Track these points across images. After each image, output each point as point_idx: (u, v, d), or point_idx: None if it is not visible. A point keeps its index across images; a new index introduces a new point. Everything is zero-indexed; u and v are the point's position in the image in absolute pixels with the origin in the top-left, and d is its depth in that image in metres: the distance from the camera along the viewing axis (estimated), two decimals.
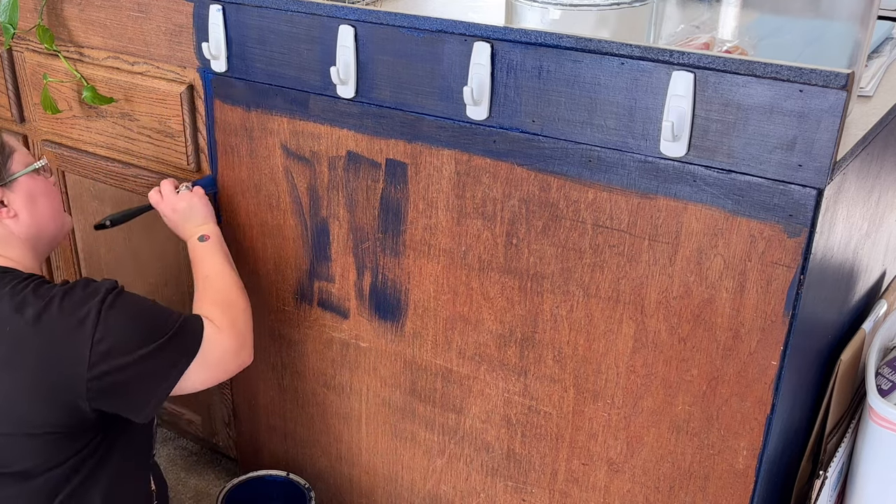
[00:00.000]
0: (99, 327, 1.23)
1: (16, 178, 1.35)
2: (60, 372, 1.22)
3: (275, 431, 1.78)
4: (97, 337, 1.23)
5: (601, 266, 1.24)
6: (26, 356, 1.23)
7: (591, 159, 1.19)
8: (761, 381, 1.17)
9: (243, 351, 1.39)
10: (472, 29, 1.21)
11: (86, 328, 1.23)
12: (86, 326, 1.23)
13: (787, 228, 1.08)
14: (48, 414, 1.24)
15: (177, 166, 1.65)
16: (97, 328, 1.23)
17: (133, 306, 1.29)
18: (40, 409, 1.24)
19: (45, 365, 1.22)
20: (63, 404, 1.24)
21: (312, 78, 1.39)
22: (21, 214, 1.35)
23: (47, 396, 1.23)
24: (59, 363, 1.22)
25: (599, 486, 1.37)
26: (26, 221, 1.36)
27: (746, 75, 1.04)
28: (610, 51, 1.12)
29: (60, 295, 1.26)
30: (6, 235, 1.34)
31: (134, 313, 1.28)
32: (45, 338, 1.23)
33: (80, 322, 1.23)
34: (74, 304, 1.25)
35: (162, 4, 1.51)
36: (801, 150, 1.04)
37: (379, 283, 1.47)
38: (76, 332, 1.23)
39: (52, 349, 1.23)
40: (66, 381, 1.22)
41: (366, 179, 1.41)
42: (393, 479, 1.63)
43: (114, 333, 1.24)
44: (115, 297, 1.27)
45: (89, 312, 1.24)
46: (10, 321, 1.24)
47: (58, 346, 1.23)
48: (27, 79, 1.80)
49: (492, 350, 1.39)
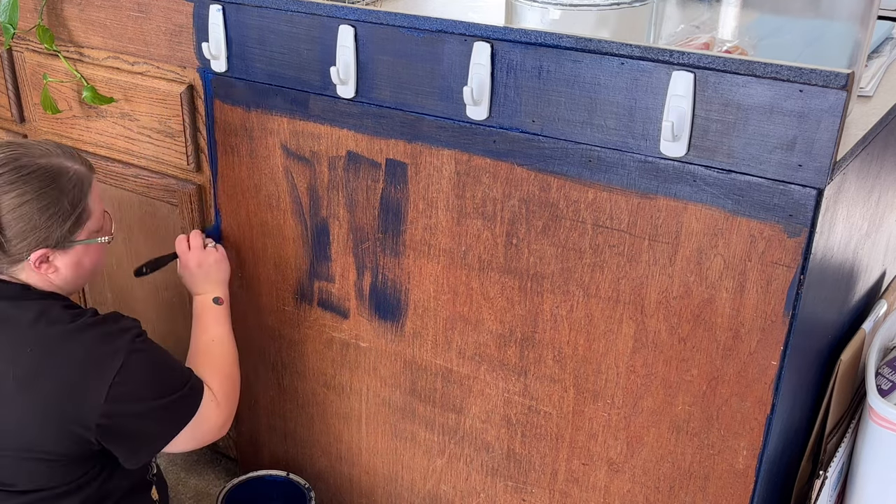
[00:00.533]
0: (123, 370, 1.25)
1: (76, 245, 1.32)
2: (75, 400, 1.24)
3: (275, 431, 1.78)
4: (118, 378, 1.25)
5: (601, 266, 1.24)
6: (47, 377, 1.24)
7: (591, 159, 1.19)
8: (761, 381, 1.17)
9: (227, 425, 1.42)
10: (472, 29, 1.21)
11: (110, 367, 1.25)
12: (111, 365, 1.25)
13: (787, 228, 1.08)
14: (57, 442, 1.26)
15: (177, 166, 1.65)
16: (121, 370, 1.25)
17: (157, 356, 1.32)
18: (50, 437, 1.25)
19: (63, 389, 1.24)
20: (72, 434, 1.25)
21: (312, 78, 1.39)
22: (61, 272, 1.33)
23: (58, 425, 1.25)
24: (77, 391, 1.24)
25: (599, 486, 1.37)
26: (64, 278, 1.34)
27: (746, 75, 1.04)
28: (610, 51, 1.12)
29: (92, 324, 1.28)
30: (37, 281, 1.32)
31: (157, 364, 1.32)
32: (70, 362, 1.24)
33: (107, 358, 1.25)
34: (104, 338, 1.27)
35: (162, 4, 1.51)
36: (801, 150, 1.04)
37: (379, 283, 1.47)
38: (100, 368, 1.25)
39: (74, 376, 1.24)
40: (79, 412, 1.24)
41: (366, 179, 1.41)
42: (393, 479, 1.63)
43: (133, 378, 1.26)
44: (143, 343, 1.30)
45: (117, 352, 1.26)
46: (36, 340, 1.25)
47: (80, 374, 1.24)
48: (27, 79, 1.80)
49: (492, 350, 1.39)
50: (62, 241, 1.29)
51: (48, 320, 1.27)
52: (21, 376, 1.24)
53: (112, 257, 1.87)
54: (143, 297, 1.85)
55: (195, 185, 1.64)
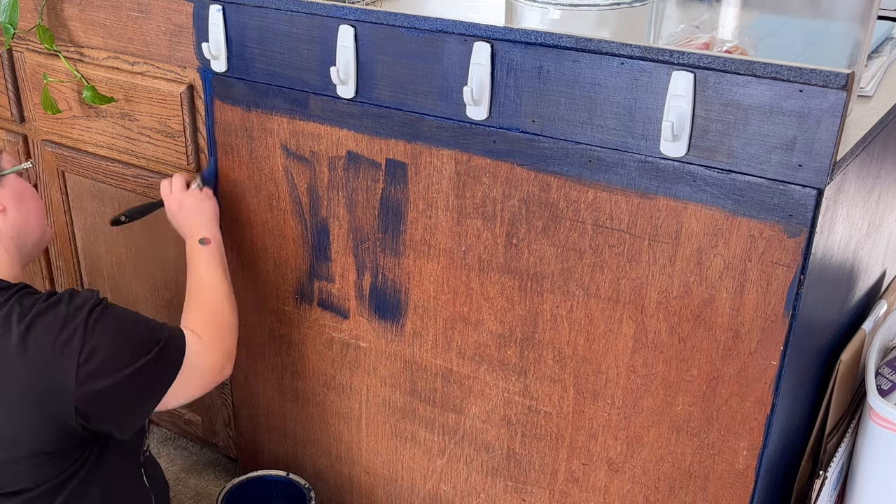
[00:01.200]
0: (85, 347, 1.21)
1: (5, 174, 1.35)
2: (48, 393, 1.21)
3: (275, 431, 1.78)
4: (83, 357, 1.21)
5: (601, 266, 1.24)
6: (13, 379, 1.21)
7: (591, 159, 1.19)
8: (761, 381, 1.17)
9: (227, 366, 1.39)
10: (472, 29, 1.21)
11: (71, 348, 1.21)
12: (71, 347, 1.21)
13: (787, 228, 1.08)
14: (39, 436, 1.23)
15: (177, 166, 1.65)
16: (83, 348, 1.21)
17: (118, 323, 1.27)
18: (30, 432, 1.23)
19: (33, 387, 1.21)
20: (53, 425, 1.22)
21: (312, 78, 1.39)
22: (10, 211, 1.33)
23: (37, 419, 1.22)
24: (47, 384, 1.21)
25: (599, 486, 1.37)
26: (14, 219, 1.34)
27: (746, 75, 1.04)
28: (610, 51, 1.12)
29: (44, 311, 1.23)
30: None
31: (119, 331, 1.26)
32: (31, 360, 1.21)
33: (66, 342, 1.21)
34: (59, 322, 1.23)
35: (162, 4, 1.51)
36: (801, 150, 1.04)
37: (379, 283, 1.47)
38: (62, 353, 1.21)
39: (39, 371, 1.21)
40: (54, 402, 1.21)
41: (366, 179, 1.41)
42: (393, 479, 1.63)
43: (99, 353, 1.22)
44: (100, 314, 1.25)
45: (75, 331, 1.22)
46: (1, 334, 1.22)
47: (44, 367, 1.21)
48: (27, 79, 1.80)
49: (492, 350, 1.39)
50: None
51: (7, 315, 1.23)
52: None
53: (112, 257, 1.87)
54: (143, 297, 1.85)
55: None
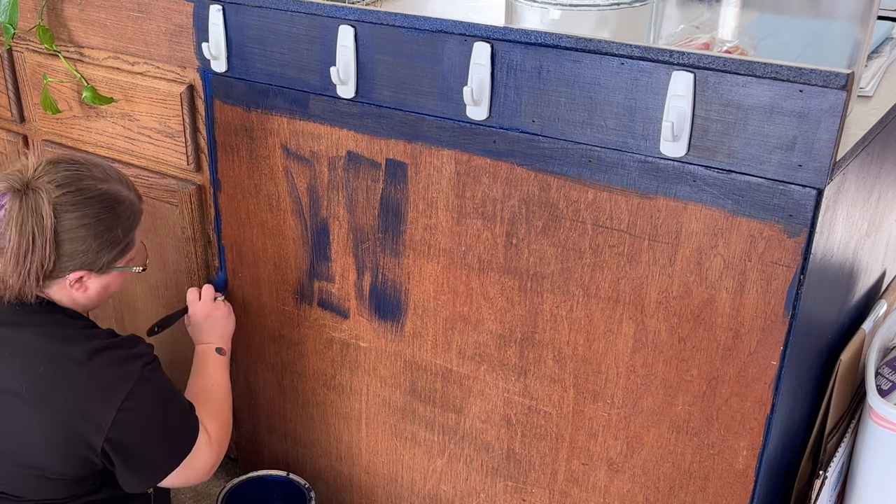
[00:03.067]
0: (130, 396, 1.26)
1: (111, 272, 1.35)
2: (83, 423, 1.24)
3: (275, 431, 1.78)
4: (126, 404, 1.25)
5: (601, 266, 1.24)
6: (58, 396, 1.24)
7: (591, 159, 1.19)
8: (761, 381, 1.17)
9: (214, 468, 1.42)
10: (472, 29, 1.21)
11: (120, 391, 1.25)
12: (121, 389, 1.26)
13: (787, 228, 1.08)
14: (62, 461, 1.26)
15: (177, 166, 1.65)
16: (129, 396, 1.26)
17: (163, 388, 1.33)
18: (56, 455, 1.26)
19: (72, 411, 1.24)
20: (77, 454, 1.26)
21: (312, 78, 1.39)
22: (90, 293, 1.34)
23: (65, 445, 1.25)
24: (85, 414, 1.24)
25: (599, 486, 1.37)
26: (89, 298, 1.35)
27: (746, 75, 1.04)
28: (610, 51, 1.12)
29: (109, 347, 1.29)
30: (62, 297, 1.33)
31: (163, 395, 1.32)
32: (80, 383, 1.25)
33: (117, 382, 1.26)
34: (116, 361, 1.28)
35: (162, 4, 1.51)
36: (801, 150, 1.04)
37: (379, 283, 1.47)
38: (109, 391, 1.25)
39: (83, 397, 1.25)
40: (86, 433, 1.25)
41: (366, 179, 1.41)
42: (393, 479, 1.63)
43: (140, 407, 1.27)
44: (151, 372, 1.30)
45: (127, 377, 1.27)
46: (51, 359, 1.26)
47: (89, 395, 1.25)
48: (27, 79, 1.80)
49: (492, 350, 1.39)
50: (104, 267, 1.32)
51: (63, 339, 1.28)
52: (30, 393, 1.24)
53: None
54: (143, 297, 1.85)
55: (195, 185, 1.64)
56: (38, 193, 1.24)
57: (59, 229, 1.24)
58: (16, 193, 1.24)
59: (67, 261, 1.27)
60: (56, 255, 1.25)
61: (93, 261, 1.29)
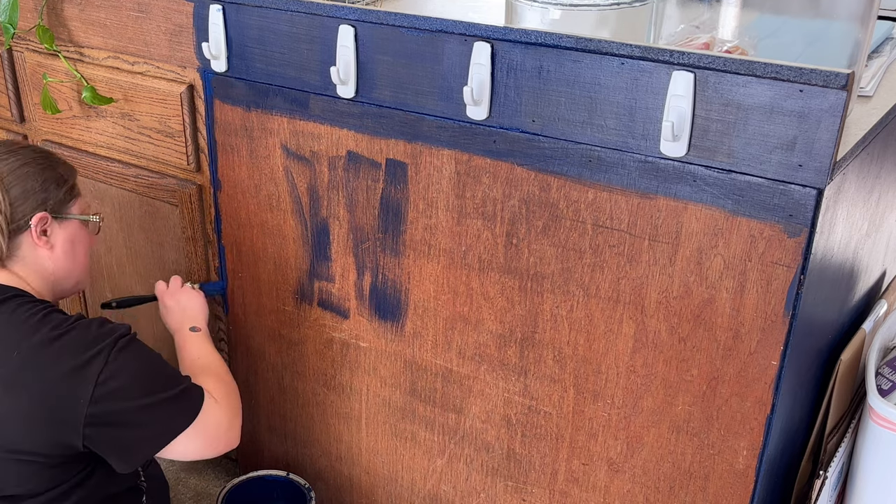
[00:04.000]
0: (106, 368, 1.23)
1: (69, 219, 1.38)
2: (61, 401, 1.22)
3: (275, 431, 1.78)
4: (102, 377, 1.23)
5: (601, 266, 1.24)
6: (32, 378, 1.23)
7: (591, 159, 1.19)
8: (761, 381, 1.17)
9: (234, 427, 1.38)
10: (472, 29, 1.21)
11: (94, 365, 1.23)
12: (94, 364, 1.23)
13: (787, 228, 1.08)
14: (40, 442, 1.24)
15: (177, 166, 1.65)
16: (105, 368, 1.23)
17: (142, 356, 1.30)
18: (32, 436, 1.24)
19: (48, 390, 1.22)
20: (56, 435, 1.23)
21: (312, 78, 1.39)
22: (56, 251, 1.36)
23: (43, 425, 1.23)
24: (62, 392, 1.22)
25: (599, 486, 1.37)
26: (58, 260, 1.37)
27: (746, 75, 1.04)
28: (610, 51, 1.12)
29: (76, 327, 1.27)
30: (35, 263, 1.35)
31: (142, 363, 1.29)
32: (55, 363, 1.23)
33: (91, 358, 1.24)
34: (89, 339, 1.26)
35: (162, 4, 1.51)
36: (801, 150, 1.04)
37: (379, 283, 1.47)
38: (84, 367, 1.23)
39: (59, 377, 1.23)
40: (65, 412, 1.22)
41: (366, 179, 1.41)
42: (393, 479, 1.63)
43: (119, 376, 1.24)
44: (127, 343, 1.28)
45: (101, 351, 1.24)
46: (22, 342, 1.24)
47: (64, 374, 1.23)
48: (27, 79, 1.80)
49: (492, 350, 1.39)
50: (59, 206, 1.36)
51: (35, 324, 1.26)
52: (6, 377, 1.23)
53: (112, 257, 1.87)
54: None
55: (195, 185, 1.64)
56: None
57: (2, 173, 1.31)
58: None
59: (21, 203, 1.32)
60: (9, 200, 1.30)
61: (45, 199, 1.34)
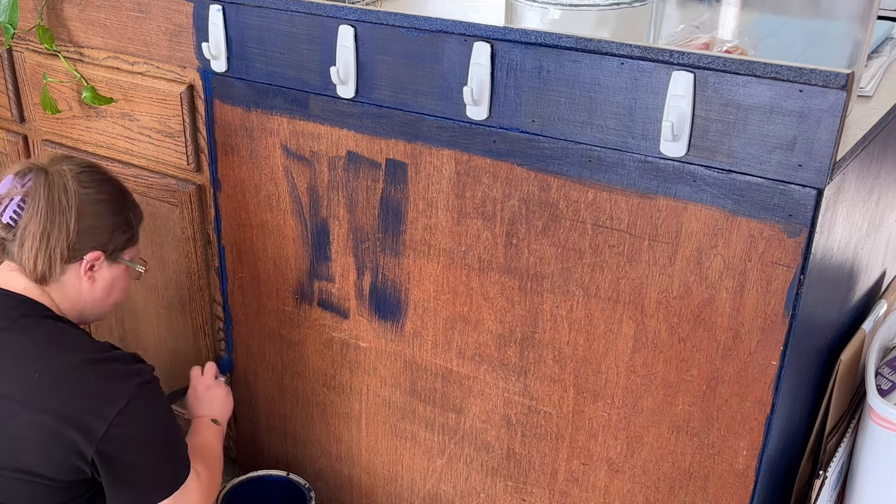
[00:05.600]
0: (123, 412, 1.25)
1: (121, 261, 1.39)
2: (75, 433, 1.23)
3: (275, 431, 1.78)
4: (118, 419, 1.24)
5: (601, 266, 1.24)
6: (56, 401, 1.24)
7: (591, 159, 1.19)
8: (761, 381, 1.17)
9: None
10: (472, 29, 1.21)
11: (113, 405, 1.25)
12: (114, 404, 1.25)
13: (787, 228, 1.08)
14: (53, 465, 1.25)
15: (177, 166, 1.65)
16: (122, 411, 1.25)
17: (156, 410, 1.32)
18: (46, 458, 1.25)
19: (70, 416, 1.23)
20: (69, 458, 1.25)
21: (312, 78, 1.39)
22: (96, 286, 1.37)
23: (57, 452, 1.24)
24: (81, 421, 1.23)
25: (599, 485, 1.37)
26: (95, 295, 1.38)
27: (746, 75, 1.04)
28: (610, 51, 1.12)
29: (108, 359, 1.30)
30: (72, 290, 1.35)
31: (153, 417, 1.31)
32: (80, 391, 1.25)
33: (112, 397, 1.25)
34: (114, 375, 1.28)
35: (162, 4, 1.51)
36: (801, 150, 1.04)
37: (379, 283, 1.47)
38: (105, 404, 1.24)
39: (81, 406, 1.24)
40: (78, 443, 1.24)
41: (366, 179, 1.41)
42: (393, 479, 1.63)
43: (130, 424, 1.26)
44: (148, 391, 1.30)
45: (123, 392, 1.26)
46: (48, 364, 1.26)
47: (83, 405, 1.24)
48: (27, 79, 1.80)
49: (492, 350, 1.39)
50: (115, 252, 1.37)
51: (62, 347, 1.28)
52: (25, 398, 1.24)
53: None
54: (143, 297, 1.85)
55: (195, 185, 1.64)
56: (60, 169, 1.32)
57: (81, 201, 1.31)
58: (39, 171, 1.32)
59: (87, 237, 1.32)
60: (78, 230, 1.30)
61: (108, 241, 1.35)
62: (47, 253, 1.29)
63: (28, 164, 1.33)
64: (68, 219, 1.29)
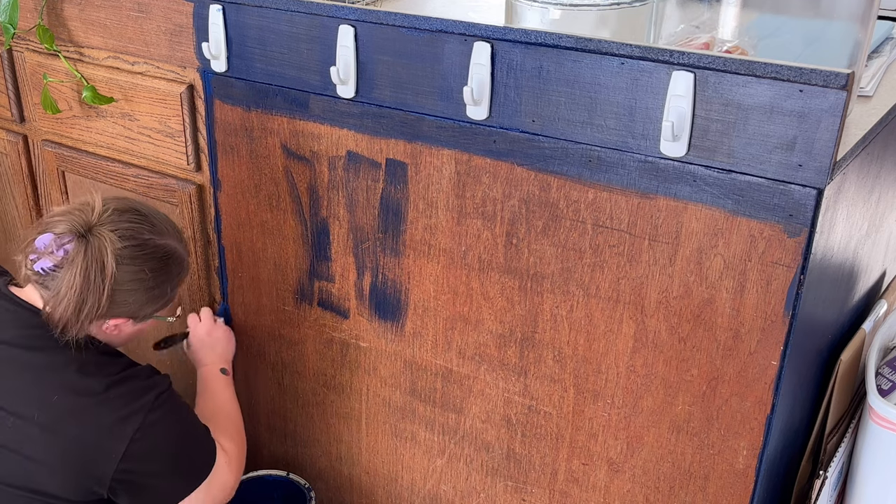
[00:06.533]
0: (142, 427, 1.27)
1: (150, 318, 1.39)
2: (97, 452, 1.25)
3: (275, 431, 1.78)
4: (137, 435, 1.26)
5: (601, 266, 1.24)
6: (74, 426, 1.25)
7: (591, 159, 1.19)
8: (761, 381, 1.17)
9: (236, 486, 1.42)
10: (472, 29, 1.21)
11: (131, 423, 1.26)
12: (132, 421, 1.26)
13: (787, 228, 1.08)
14: (68, 487, 1.26)
15: (177, 166, 1.65)
16: (140, 427, 1.26)
17: (175, 418, 1.34)
18: (61, 481, 1.26)
19: (87, 441, 1.25)
20: (85, 482, 1.26)
21: (312, 78, 1.39)
22: (121, 336, 1.38)
23: (74, 472, 1.25)
24: (99, 444, 1.25)
25: (599, 485, 1.37)
26: (118, 340, 1.38)
27: (746, 75, 1.04)
28: (610, 51, 1.12)
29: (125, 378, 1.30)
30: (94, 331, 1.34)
31: (174, 425, 1.33)
32: (99, 415, 1.26)
33: (130, 415, 1.27)
34: (135, 391, 1.29)
35: (162, 4, 1.51)
36: (801, 150, 1.04)
37: (379, 283, 1.47)
38: (123, 423, 1.26)
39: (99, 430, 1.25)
40: (96, 466, 1.25)
41: (366, 179, 1.41)
42: (393, 478, 1.63)
43: (150, 437, 1.28)
44: (164, 401, 1.31)
45: (141, 408, 1.27)
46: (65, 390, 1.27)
47: (105, 428, 1.25)
48: (27, 79, 1.80)
49: (492, 350, 1.39)
50: (146, 316, 1.37)
51: (81, 369, 1.28)
52: (44, 420, 1.25)
53: None
54: None
55: (195, 185, 1.64)
56: (101, 241, 1.26)
57: (117, 280, 1.27)
58: (80, 239, 1.26)
59: (116, 308, 1.30)
60: (109, 303, 1.28)
61: (137, 311, 1.34)
62: (74, 315, 1.27)
63: (70, 226, 1.27)
64: (100, 295, 1.26)
